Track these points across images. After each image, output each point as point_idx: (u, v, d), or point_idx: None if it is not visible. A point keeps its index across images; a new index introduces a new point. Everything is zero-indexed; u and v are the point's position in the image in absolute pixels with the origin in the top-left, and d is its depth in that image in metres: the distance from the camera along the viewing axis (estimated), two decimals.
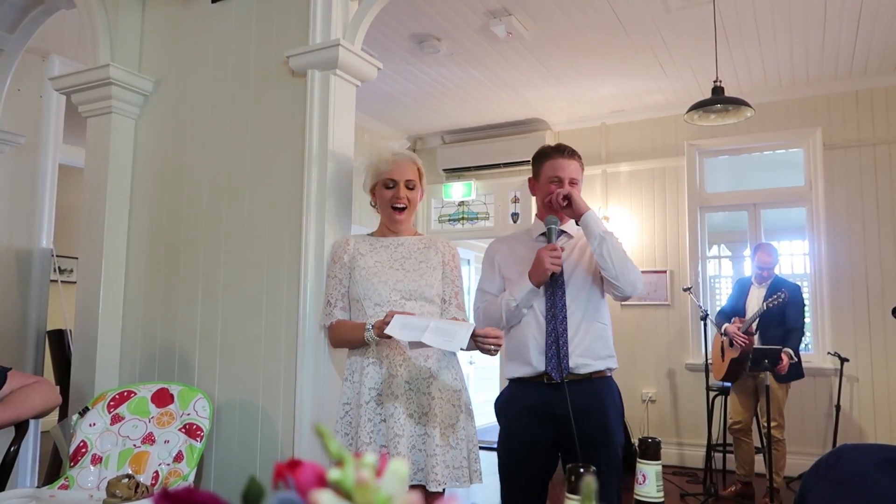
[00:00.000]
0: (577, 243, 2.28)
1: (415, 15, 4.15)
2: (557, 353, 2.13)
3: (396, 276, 2.13)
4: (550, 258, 2.11)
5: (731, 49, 4.57)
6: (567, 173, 2.24)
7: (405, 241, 2.23)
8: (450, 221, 6.82)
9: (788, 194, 5.53)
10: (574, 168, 2.26)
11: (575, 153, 2.29)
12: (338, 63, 2.44)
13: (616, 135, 6.03)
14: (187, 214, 2.79)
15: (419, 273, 2.16)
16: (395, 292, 2.11)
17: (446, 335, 1.88)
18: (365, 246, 2.22)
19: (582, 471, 0.85)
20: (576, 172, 2.26)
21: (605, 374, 2.20)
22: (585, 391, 2.13)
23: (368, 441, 2.00)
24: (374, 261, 2.17)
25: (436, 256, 2.21)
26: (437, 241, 2.26)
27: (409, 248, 2.21)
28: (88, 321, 2.82)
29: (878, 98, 5.09)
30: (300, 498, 0.45)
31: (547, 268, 2.10)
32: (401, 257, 2.19)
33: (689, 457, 5.40)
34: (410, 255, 2.20)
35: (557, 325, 2.15)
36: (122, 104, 2.91)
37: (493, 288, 2.31)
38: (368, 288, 2.12)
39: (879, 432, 4.88)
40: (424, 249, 2.22)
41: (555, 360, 2.12)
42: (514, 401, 2.24)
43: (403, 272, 2.15)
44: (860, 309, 5.02)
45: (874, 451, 1.17)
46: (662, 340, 5.62)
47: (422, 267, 2.17)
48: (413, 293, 2.12)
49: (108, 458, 2.28)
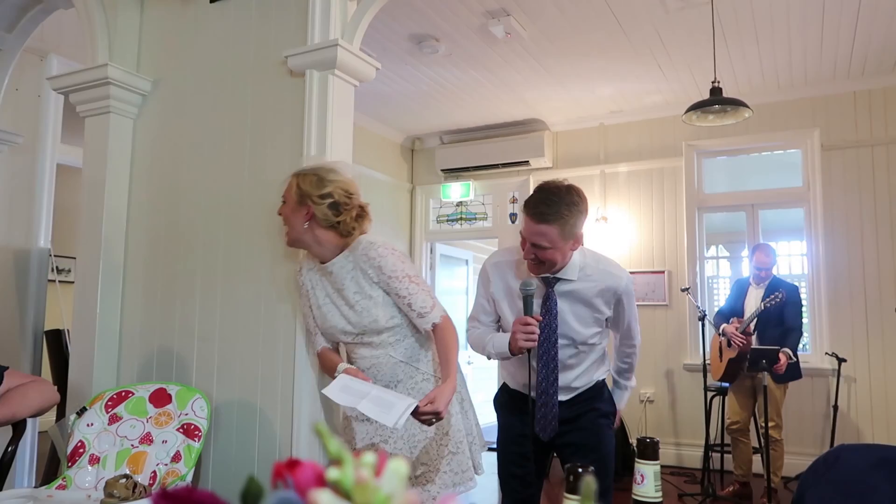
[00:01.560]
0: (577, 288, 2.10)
1: (413, 15, 4.15)
2: (545, 415, 2.11)
3: (345, 317, 2.10)
4: (524, 335, 1.97)
5: (729, 50, 4.58)
6: (531, 237, 2.00)
7: (334, 266, 2.11)
8: (448, 222, 6.83)
9: (786, 195, 5.54)
10: (541, 233, 1.97)
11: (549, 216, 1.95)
12: (336, 63, 2.44)
13: (614, 135, 6.03)
14: (185, 214, 2.79)
15: (362, 307, 2.07)
16: (347, 332, 2.11)
17: (383, 406, 1.83)
18: (314, 276, 2.19)
19: (581, 471, 0.85)
20: (539, 238, 1.98)
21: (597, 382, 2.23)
22: (574, 400, 2.17)
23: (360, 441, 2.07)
24: (323, 295, 2.15)
25: (365, 279, 2.07)
26: (360, 259, 2.08)
27: (339, 276, 2.10)
28: (86, 321, 2.82)
29: (876, 99, 5.10)
30: (299, 497, 0.45)
31: (521, 345, 1.98)
32: (338, 287, 2.11)
33: (687, 457, 5.41)
34: (344, 285, 2.09)
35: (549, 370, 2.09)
36: (121, 104, 2.91)
37: (485, 317, 2.24)
38: (327, 328, 2.15)
39: (877, 432, 4.89)
40: (353, 272, 2.09)
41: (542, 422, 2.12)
42: (509, 404, 2.29)
43: (348, 308, 2.09)
44: (858, 309, 5.03)
45: (872, 451, 1.17)
46: (660, 341, 5.62)
47: (360, 301, 2.07)
48: (365, 328, 2.08)
49: (105, 459, 2.27)
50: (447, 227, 6.83)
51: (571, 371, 2.14)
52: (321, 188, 2.07)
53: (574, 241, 2.04)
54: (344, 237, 2.10)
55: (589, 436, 2.13)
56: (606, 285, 2.10)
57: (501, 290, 2.17)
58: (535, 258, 2.02)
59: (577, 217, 2.01)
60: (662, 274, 5.71)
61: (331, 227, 2.08)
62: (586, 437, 2.12)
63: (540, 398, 2.09)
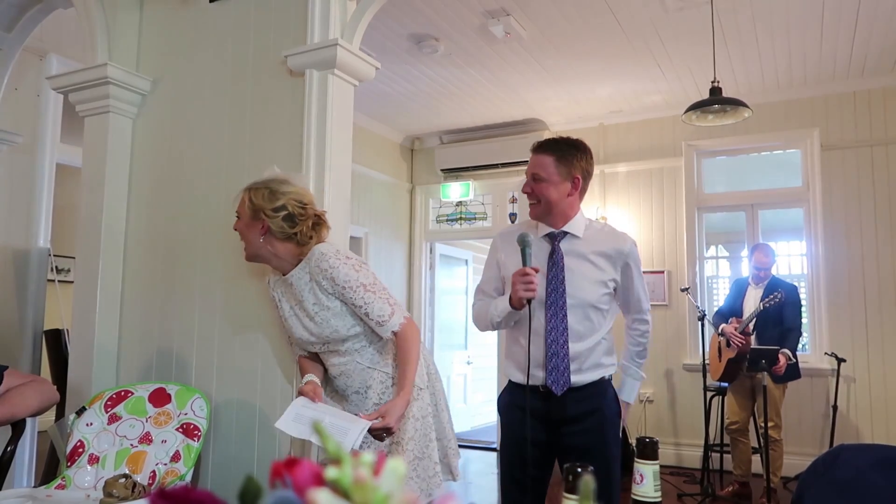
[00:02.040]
0: (583, 247, 2.11)
1: (413, 15, 4.15)
2: (557, 366, 2.05)
3: (306, 329, 2.12)
4: (523, 285, 1.97)
5: (728, 50, 4.58)
6: (530, 168, 2.13)
7: (292, 277, 2.11)
8: (448, 221, 6.83)
9: (786, 195, 5.54)
10: (538, 163, 2.10)
11: (548, 147, 2.11)
12: (336, 63, 2.44)
13: (614, 135, 6.03)
14: (185, 214, 2.79)
15: (321, 318, 2.07)
16: (312, 343, 2.13)
17: (339, 432, 1.85)
18: (280, 285, 2.20)
19: (580, 470, 0.85)
20: (537, 167, 2.10)
21: (603, 378, 2.16)
22: (581, 397, 2.10)
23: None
24: (287, 307, 2.17)
25: (321, 290, 2.07)
26: (314, 270, 2.07)
27: (298, 287, 2.11)
28: (86, 321, 2.82)
29: (876, 99, 5.10)
30: (298, 497, 0.45)
31: (520, 296, 1.98)
32: (298, 299, 2.11)
33: (687, 457, 5.41)
34: (304, 296, 2.10)
35: (558, 339, 2.05)
36: (120, 103, 2.91)
37: (491, 288, 2.24)
38: (294, 338, 2.18)
39: (876, 432, 4.89)
40: (310, 283, 2.09)
41: (554, 374, 2.06)
42: (513, 402, 2.20)
43: (308, 319, 2.10)
44: (857, 309, 5.03)
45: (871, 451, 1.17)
46: (660, 341, 5.62)
47: (319, 313, 2.07)
48: (327, 338, 2.09)
49: (105, 458, 2.27)
50: (447, 226, 6.83)
51: (580, 342, 2.07)
52: (274, 201, 2.08)
53: (572, 185, 2.10)
54: (301, 246, 2.10)
55: (593, 439, 2.07)
56: (612, 246, 2.11)
57: (510, 252, 2.16)
58: (532, 192, 2.10)
59: (576, 157, 2.10)
60: (662, 274, 5.72)
61: (287, 239, 2.09)
62: (591, 441, 2.07)
63: (550, 348, 2.05)
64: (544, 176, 2.08)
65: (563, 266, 2.08)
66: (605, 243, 2.12)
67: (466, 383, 7.79)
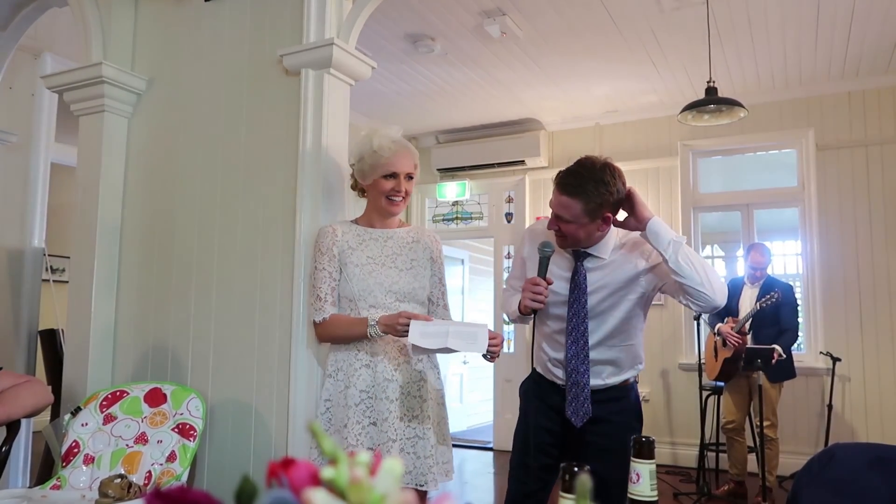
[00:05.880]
0: (608, 264, 2.01)
1: (409, 14, 4.15)
2: (577, 395, 1.99)
3: (391, 277, 2.11)
4: (531, 294, 1.94)
5: (724, 50, 4.59)
6: (554, 208, 1.96)
7: (394, 235, 2.19)
8: (444, 221, 6.83)
9: (781, 195, 5.55)
10: (563, 205, 1.92)
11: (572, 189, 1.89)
12: (332, 62, 2.44)
13: (610, 135, 6.04)
14: (180, 213, 2.78)
15: (412, 274, 2.13)
16: (389, 294, 2.09)
17: (468, 339, 1.88)
18: (353, 237, 2.15)
19: (577, 469, 0.85)
20: (562, 210, 1.92)
21: (627, 382, 2.10)
22: (602, 398, 2.03)
23: (355, 443, 1.99)
24: (366, 256, 2.12)
25: (424, 253, 2.19)
26: (425, 235, 2.23)
27: (398, 243, 2.17)
28: (80, 320, 2.81)
29: (871, 99, 5.12)
30: (294, 497, 0.45)
31: (526, 304, 1.95)
32: (392, 253, 2.15)
33: (683, 456, 5.42)
34: (401, 252, 2.16)
35: (578, 368, 1.99)
36: (115, 103, 2.90)
37: (516, 281, 2.19)
38: (363, 289, 2.08)
39: (871, 431, 4.91)
40: (413, 244, 2.19)
41: (574, 404, 2.00)
42: (534, 391, 2.15)
43: (396, 271, 2.12)
44: (852, 309, 5.05)
45: (866, 449, 1.18)
46: (656, 340, 5.63)
47: (414, 266, 2.15)
48: (407, 295, 2.11)
49: (100, 458, 2.27)
50: (443, 226, 6.83)
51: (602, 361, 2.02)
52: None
53: (602, 221, 1.93)
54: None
55: (616, 440, 1.96)
56: (632, 269, 1.99)
57: (532, 253, 2.09)
58: (558, 230, 1.97)
59: (606, 197, 1.89)
60: None
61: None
62: (612, 442, 1.98)
63: (570, 377, 1.99)
64: (570, 218, 1.92)
65: (585, 287, 1.99)
66: (626, 267, 2.00)
67: (463, 383, 7.79)
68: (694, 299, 1.91)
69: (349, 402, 2.02)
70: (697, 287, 1.87)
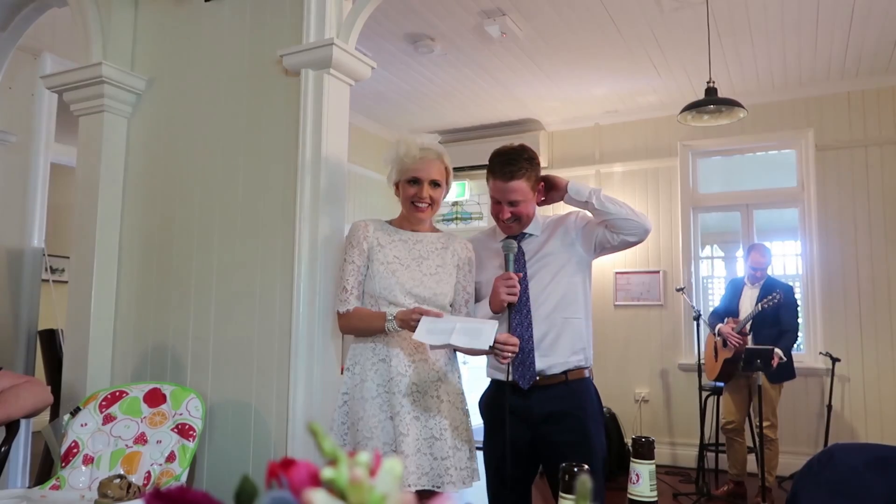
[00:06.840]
0: (543, 240, 2.21)
1: (409, 15, 4.15)
2: (523, 361, 2.08)
3: (413, 279, 2.10)
4: (506, 289, 2.04)
5: (724, 50, 4.59)
6: (505, 196, 2.14)
7: (424, 239, 2.19)
8: (443, 221, 6.83)
9: (781, 195, 5.55)
10: (514, 189, 2.12)
11: (516, 172, 2.11)
12: (332, 62, 2.44)
13: (609, 135, 6.04)
14: (180, 213, 2.78)
15: (436, 279, 2.12)
16: (409, 296, 2.08)
17: (472, 335, 1.89)
18: (384, 236, 2.16)
19: (576, 470, 0.85)
20: (516, 193, 2.12)
21: (583, 374, 2.16)
22: (561, 395, 2.10)
23: (370, 436, 1.99)
24: (392, 255, 2.13)
25: (452, 260, 2.18)
26: (455, 242, 2.23)
27: (427, 247, 2.17)
28: (80, 321, 2.81)
29: (870, 99, 5.12)
30: (293, 497, 0.44)
31: (503, 299, 2.04)
32: (419, 256, 2.15)
33: (682, 456, 5.42)
34: (428, 256, 2.15)
35: (522, 332, 2.09)
36: (115, 103, 2.90)
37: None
38: (385, 287, 2.09)
39: (870, 432, 4.91)
40: (442, 250, 2.18)
41: (521, 369, 2.09)
42: (494, 400, 2.22)
43: (420, 274, 2.11)
44: (852, 309, 5.05)
45: (865, 450, 1.18)
46: (655, 340, 5.63)
47: (439, 272, 2.13)
48: (427, 300, 2.08)
49: (99, 459, 2.27)
50: (442, 226, 6.81)
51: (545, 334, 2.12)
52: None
53: (538, 193, 2.20)
54: None
55: (576, 434, 2.07)
56: (561, 225, 2.22)
57: (482, 258, 2.27)
58: (513, 216, 2.14)
59: (536, 170, 2.18)
60: (657, 274, 5.72)
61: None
62: (573, 436, 2.07)
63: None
64: (521, 199, 2.14)
65: (524, 264, 2.17)
66: (557, 233, 2.21)
67: (462, 383, 7.78)
68: (626, 230, 2.11)
69: (365, 395, 2.03)
70: (626, 217, 2.09)
